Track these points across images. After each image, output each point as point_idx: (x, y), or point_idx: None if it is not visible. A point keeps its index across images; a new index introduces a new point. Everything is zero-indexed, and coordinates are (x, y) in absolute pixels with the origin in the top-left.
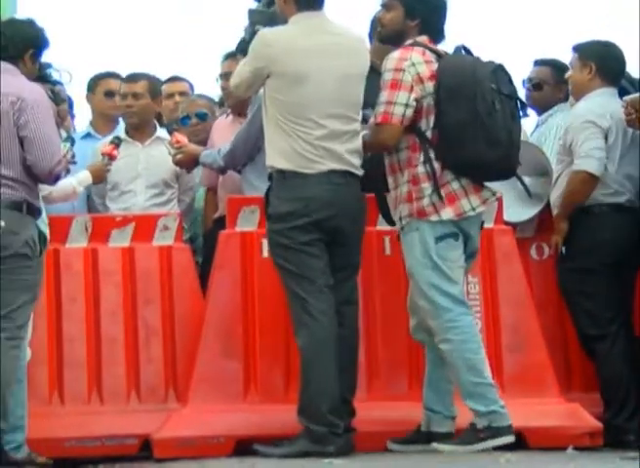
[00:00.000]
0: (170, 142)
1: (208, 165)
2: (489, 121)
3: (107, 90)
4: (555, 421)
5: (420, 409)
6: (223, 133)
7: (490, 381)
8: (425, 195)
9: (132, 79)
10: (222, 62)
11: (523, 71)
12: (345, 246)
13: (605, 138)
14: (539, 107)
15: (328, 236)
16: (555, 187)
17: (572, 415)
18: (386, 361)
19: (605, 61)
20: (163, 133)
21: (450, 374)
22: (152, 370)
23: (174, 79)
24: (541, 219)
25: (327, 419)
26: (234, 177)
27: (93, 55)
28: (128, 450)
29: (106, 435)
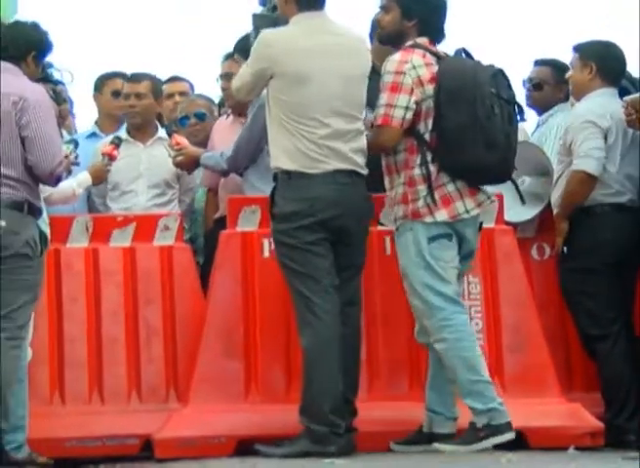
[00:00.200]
0: (169, 144)
1: (210, 167)
2: (488, 125)
3: (115, 90)
4: (556, 421)
5: (421, 410)
6: (224, 133)
7: (487, 379)
8: (420, 197)
9: (135, 79)
10: (223, 63)
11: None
12: (350, 245)
13: (605, 139)
14: (539, 107)
15: (333, 236)
16: (556, 187)
17: (573, 415)
18: (387, 361)
19: (605, 62)
20: (164, 133)
21: (447, 374)
22: (153, 369)
23: (174, 79)
24: (542, 219)
25: (328, 419)
26: (235, 178)
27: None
28: (129, 450)
29: (107, 435)
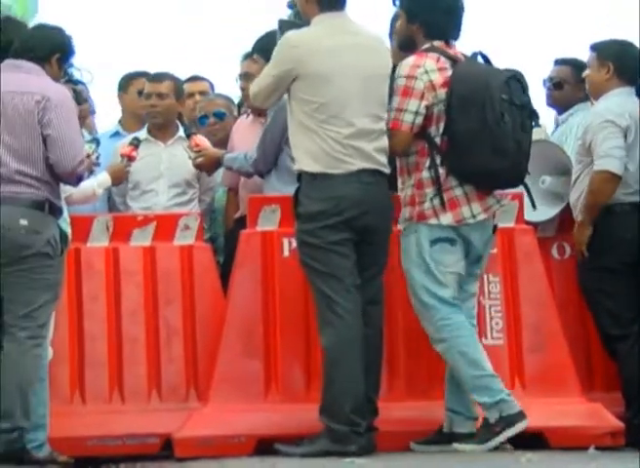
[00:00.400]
0: (189, 146)
1: (235, 169)
2: (497, 131)
3: (140, 89)
4: (577, 421)
5: (441, 409)
6: (244, 133)
7: (491, 372)
8: (427, 199)
9: (157, 79)
10: (242, 62)
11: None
12: (373, 244)
13: (624, 137)
14: (559, 106)
15: (357, 235)
16: (574, 188)
17: (593, 415)
18: (407, 360)
19: (623, 61)
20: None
21: (455, 374)
22: (173, 369)
23: (194, 78)
24: (563, 219)
25: (349, 419)
26: (255, 178)
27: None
28: (149, 450)
29: (128, 434)
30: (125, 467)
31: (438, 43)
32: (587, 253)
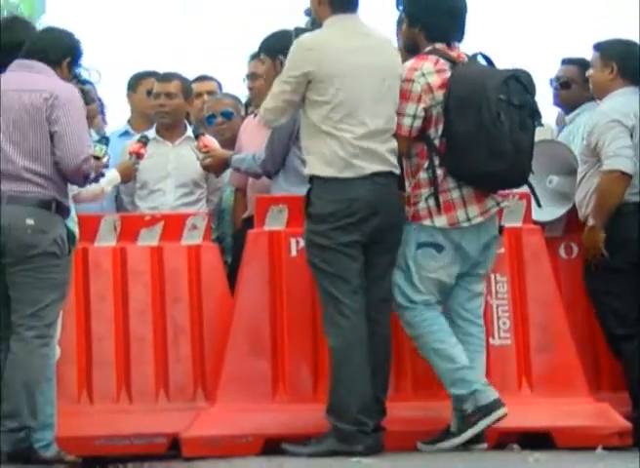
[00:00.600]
0: (197, 147)
1: (243, 170)
2: (493, 131)
3: (149, 89)
4: (584, 421)
5: (448, 409)
6: (252, 133)
7: (466, 364)
8: (422, 199)
9: (165, 79)
10: (249, 63)
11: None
12: (384, 244)
13: (631, 137)
14: (566, 106)
15: (367, 237)
16: (580, 188)
17: (601, 415)
18: (414, 360)
19: (627, 61)
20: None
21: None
22: (181, 368)
23: (202, 78)
24: (570, 219)
25: (356, 418)
26: (263, 179)
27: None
28: (156, 449)
29: (135, 434)
30: (132, 467)
31: (440, 45)
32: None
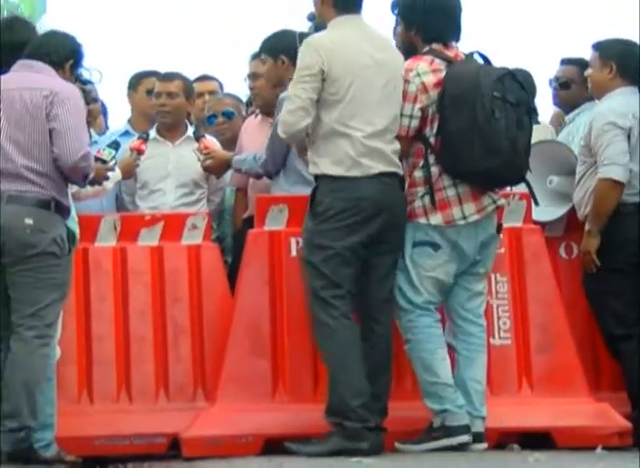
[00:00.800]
0: (198, 148)
1: (245, 171)
2: (488, 129)
3: (149, 88)
4: (584, 421)
5: None
6: (253, 133)
7: (445, 381)
8: (417, 198)
9: (167, 78)
10: (250, 63)
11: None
12: (387, 244)
13: (628, 138)
14: (566, 106)
15: (371, 237)
16: (578, 187)
17: (601, 415)
18: None
19: (626, 61)
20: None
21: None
22: (181, 368)
23: (203, 78)
24: (570, 219)
25: (359, 415)
26: (264, 178)
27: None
28: (156, 449)
29: (135, 433)
30: (133, 467)
31: (436, 45)
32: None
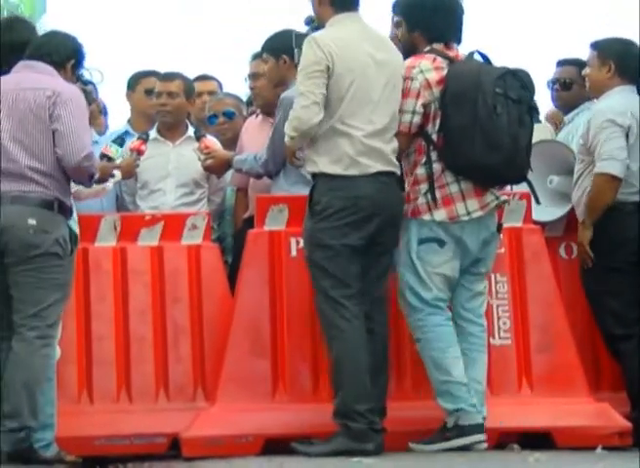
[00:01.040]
0: (199, 148)
1: (245, 171)
2: (489, 125)
3: (148, 88)
4: (584, 421)
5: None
6: (253, 133)
7: (459, 380)
8: (420, 195)
9: (167, 78)
10: (250, 62)
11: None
12: (384, 244)
13: (626, 137)
14: (566, 107)
15: (369, 237)
16: (576, 186)
17: (601, 415)
18: (413, 360)
19: (624, 60)
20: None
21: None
22: (181, 368)
23: (203, 78)
24: (570, 219)
25: (366, 417)
26: (264, 178)
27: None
28: (156, 449)
29: (135, 433)
30: (133, 467)
31: (438, 45)
32: (592, 253)
